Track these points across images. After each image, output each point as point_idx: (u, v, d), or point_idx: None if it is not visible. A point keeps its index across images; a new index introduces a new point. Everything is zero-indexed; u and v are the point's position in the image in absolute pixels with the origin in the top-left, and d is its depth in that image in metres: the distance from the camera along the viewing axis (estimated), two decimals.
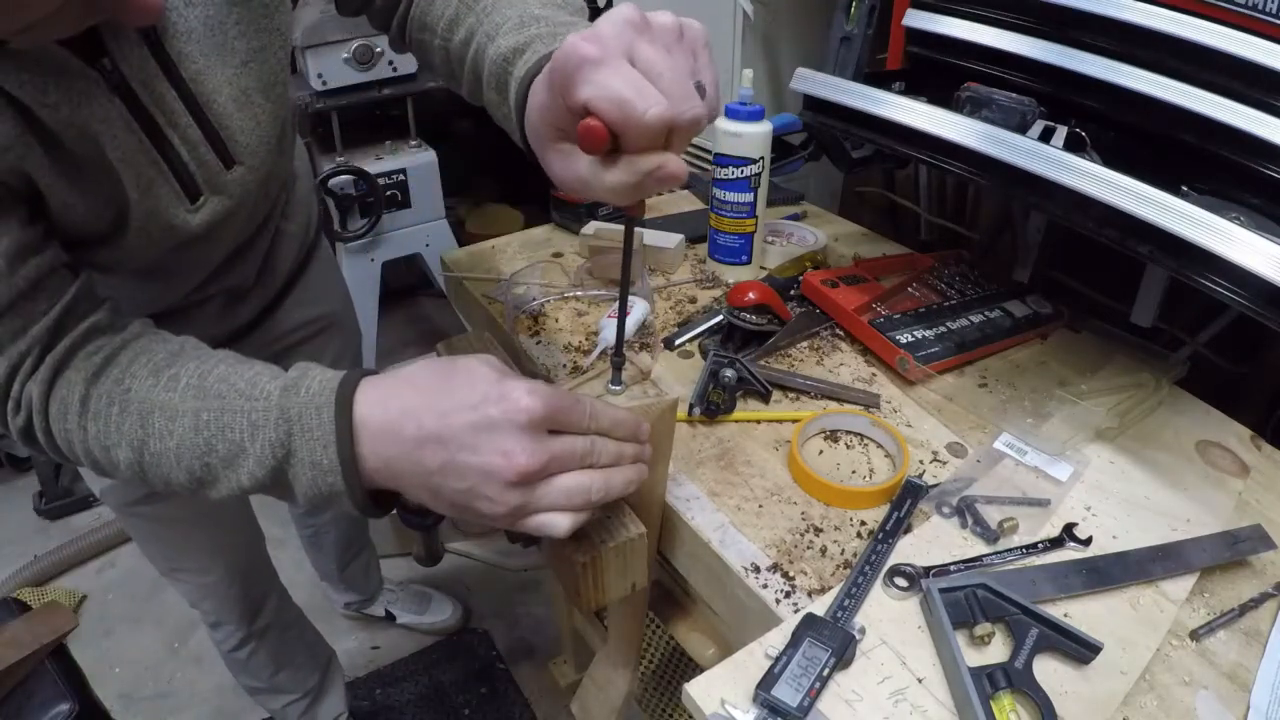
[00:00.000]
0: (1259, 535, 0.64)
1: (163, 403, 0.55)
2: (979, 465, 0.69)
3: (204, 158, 0.68)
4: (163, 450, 0.55)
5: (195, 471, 0.54)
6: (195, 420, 0.54)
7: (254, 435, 0.53)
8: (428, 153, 2.19)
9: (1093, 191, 0.63)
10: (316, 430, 0.52)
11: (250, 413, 0.53)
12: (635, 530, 0.60)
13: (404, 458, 0.51)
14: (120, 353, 0.58)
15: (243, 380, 0.55)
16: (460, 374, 0.52)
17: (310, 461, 0.52)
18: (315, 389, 0.53)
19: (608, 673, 0.88)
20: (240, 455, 0.53)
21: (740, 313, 0.84)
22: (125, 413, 0.55)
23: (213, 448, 0.53)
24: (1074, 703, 0.51)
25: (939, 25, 0.88)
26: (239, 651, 1.22)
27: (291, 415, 0.52)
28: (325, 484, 0.52)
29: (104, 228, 0.65)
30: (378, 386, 0.53)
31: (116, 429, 0.55)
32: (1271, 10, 0.65)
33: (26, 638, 0.97)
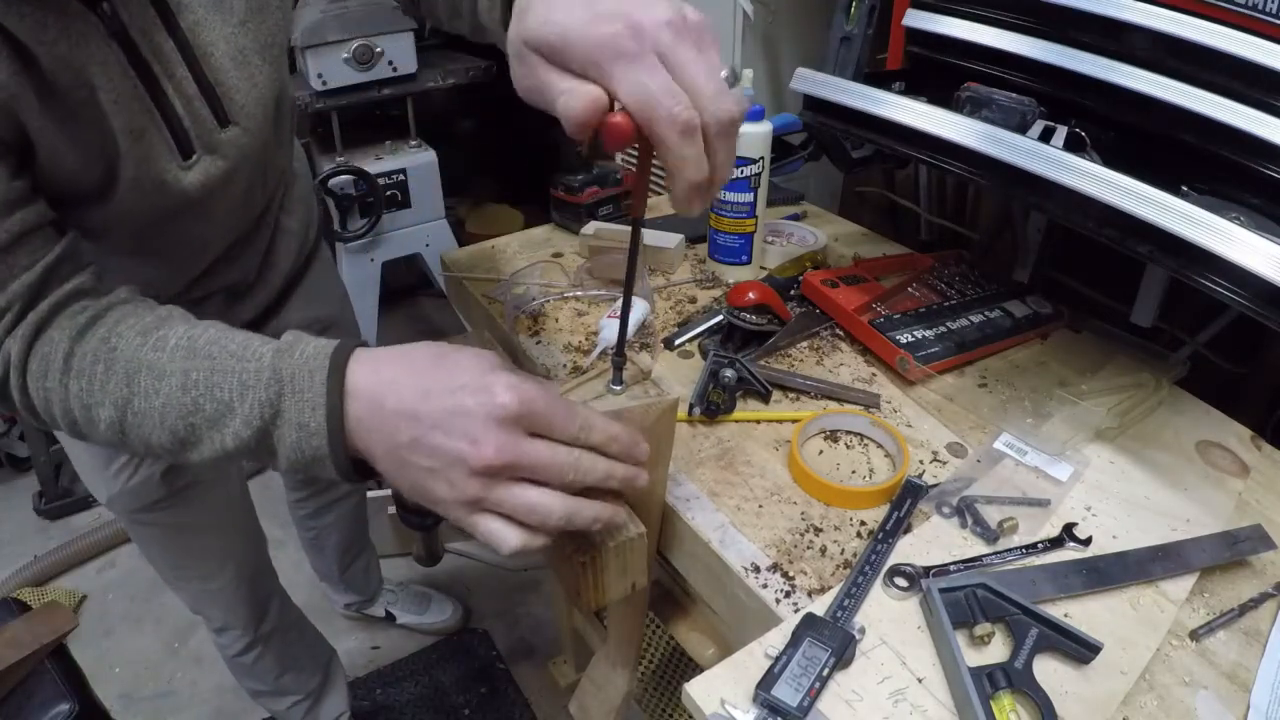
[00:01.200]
0: (1259, 535, 0.64)
1: (150, 362, 0.54)
2: (979, 465, 0.69)
3: (198, 112, 0.68)
4: (147, 409, 0.54)
5: (179, 432, 0.53)
6: (184, 379, 0.53)
7: (243, 395, 0.52)
8: (428, 153, 2.19)
9: (1093, 191, 0.63)
10: (307, 392, 0.51)
11: (241, 373, 0.52)
12: (635, 530, 0.60)
13: (378, 427, 0.51)
14: (106, 313, 0.57)
15: (234, 343, 0.54)
16: (452, 359, 0.52)
17: (297, 423, 0.52)
18: (310, 353, 0.53)
19: (606, 672, 0.88)
20: (227, 415, 0.52)
21: (740, 313, 0.84)
22: (111, 371, 0.54)
23: (199, 407, 0.53)
24: (1074, 703, 0.51)
25: (939, 25, 0.88)
26: (245, 656, 1.22)
27: (284, 376, 0.52)
28: (310, 447, 0.52)
29: (94, 181, 0.64)
30: (373, 357, 0.53)
31: (101, 387, 0.54)
32: (1271, 10, 0.65)
33: (26, 638, 0.97)
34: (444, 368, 0.51)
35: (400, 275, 2.58)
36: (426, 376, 0.51)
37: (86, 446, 0.93)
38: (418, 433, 0.49)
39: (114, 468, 0.92)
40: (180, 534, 1.04)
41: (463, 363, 0.51)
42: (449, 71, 2.16)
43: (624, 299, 0.59)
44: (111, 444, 0.57)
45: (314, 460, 0.52)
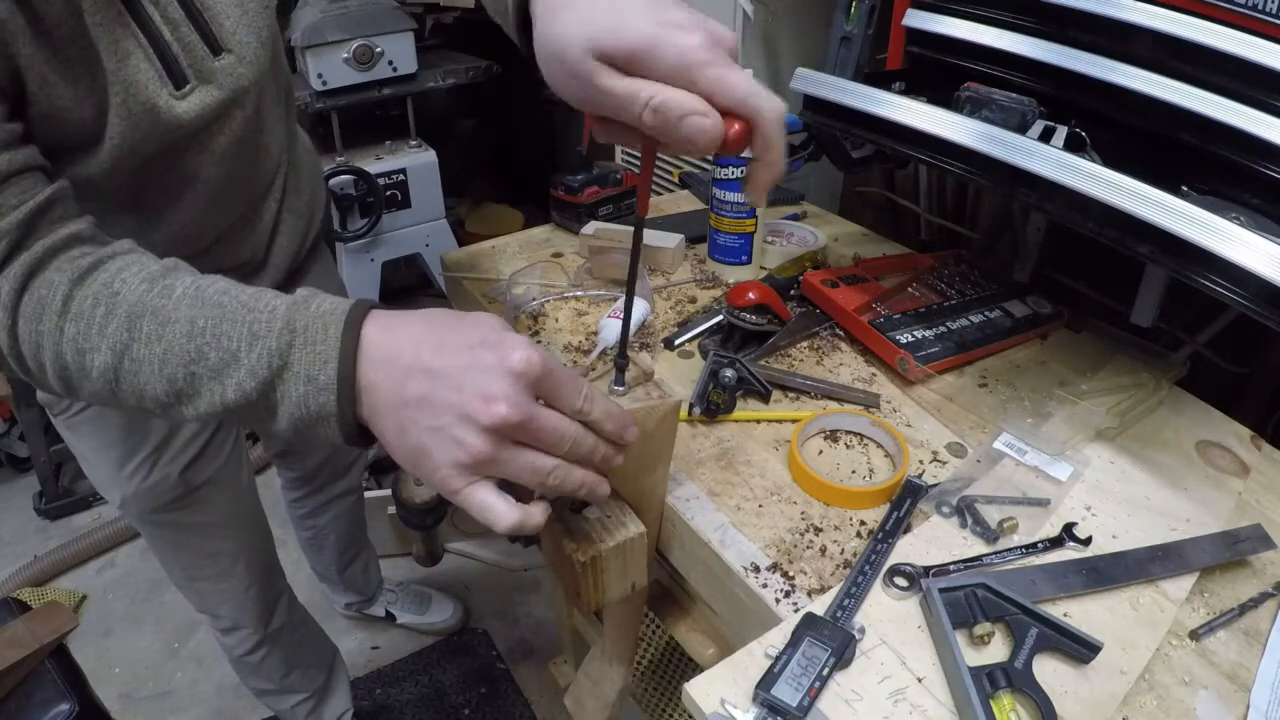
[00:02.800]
0: (1259, 535, 0.64)
1: (155, 308, 0.52)
2: (979, 465, 0.69)
3: (186, 38, 0.67)
4: (147, 356, 0.51)
5: (177, 381, 0.51)
6: (190, 326, 0.51)
7: (252, 344, 0.50)
8: (428, 153, 2.19)
9: (1093, 191, 0.63)
10: (320, 345, 0.50)
11: (252, 323, 0.51)
12: (635, 530, 0.60)
13: (388, 383, 0.49)
14: (109, 260, 0.55)
15: (245, 294, 0.53)
16: (469, 319, 0.51)
17: (306, 376, 0.50)
18: (326, 308, 0.51)
19: (602, 667, 0.88)
20: (232, 365, 0.50)
21: (740, 313, 0.84)
22: (111, 315, 0.52)
23: (203, 355, 0.50)
24: (1074, 702, 0.51)
25: (939, 25, 0.88)
26: (253, 655, 1.22)
27: (297, 327, 0.50)
28: (316, 404, 0.50)
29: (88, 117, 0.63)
30: (388, 316, 0.52)
31: (99, 331, 0.52)
32: (1271, 10, 0.64)
33: (26, 638, 0.97)
34: (459, 324, 0.50)
35: (400, 275, 2.58)
36: (442, 331, 0.50)
37: (99, 448, 0.92)
38: (427, 389, 0.48)
39: (129, 468, 0.92)
40: (194, 533, 1.04)
41: (481, 321, 0.51)
42: (449, 71, 2.16)
43: (626, 300, 0.59)
44: (99, 395, 0.54)
45: (317, 418, 0.51)
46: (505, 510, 0.49)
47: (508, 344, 0.48)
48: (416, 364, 0.48)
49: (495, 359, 0.48)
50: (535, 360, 0.48)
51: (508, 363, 0.47)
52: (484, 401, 0.47)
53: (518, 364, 0.47)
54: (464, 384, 0.47)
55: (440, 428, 0.48)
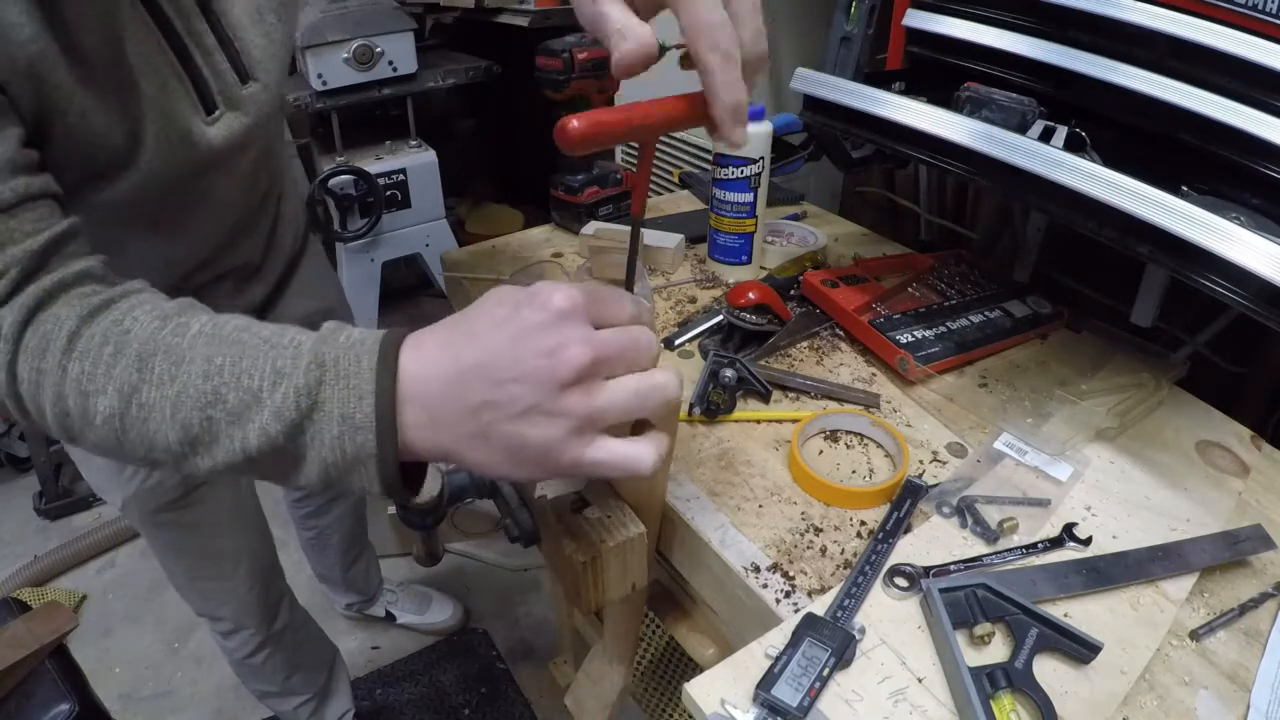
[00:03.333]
0: (1259, 535, 0.64)
1: (169, 346, 0.47)
2: (979, 465, 0.69)
3: (219, 67, 0.69)
4: (158, 400, 0.46)
5: (191, 428, 0.46)
6: (206, 366, 0.46)
7: (276, 383, 0.45)
8: (428, 153, 2.19)
9: (1093, 191, 0.63)
10: (354, 379, 0.45)
11: (276, 359, 0.46)
12: (635, 530, 0.60)
13: (446, 398, 0.44)
14: (121, 299, 0.51)
15: (267, 330, 0.48)
16: (485, 300, 0.47)
17: (340, 415, 0.44)
18: (356, 337, 0.47)
19: (602, 667, 0.88)
20: (253, 407, 0.45)
21: (740, 313, 0.84)
22: (120, 354, 0.47)
23: (221, 397, 0.45)
24: (1074, 703, 0.51)
25: (939, 25, 0.88)
26: (255, 657, 1.21)
27: (326, 361, 0.45)
28: (353, 445, 0.45)
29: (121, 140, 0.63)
30: (418, 335, 0.47)
31: (105, 371, 0.47)
32: (1271, 10, 0.64)
33: (26, 638, 0.97)
34: (483, 307, 0.46)
35: (400, 275, 2.58)
36: (470, 322, 0.46)
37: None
38: (489, 383, 0.43)
39: (129, 469, 0.92)
40: (196, 533, 1.04)
41: (498, 294, 0.47)
42: (449, 71, 2.16)
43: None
44: (103, 445, 0.49)
45: (354, 462, 0.46)
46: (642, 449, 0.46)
47: (540, 294, 0.44)
48: (462, 365, 0.44)
49: (537, 313, 0.44)
50: (575, 292, 0.44)
51: (551, 308, 0.44)
52: (550, 358, 0.43)
53: (562, 303, 0.44)
54: (521, 354, 0.43)
55: (524, 411, 0.43)
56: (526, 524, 0.63)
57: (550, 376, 0.43)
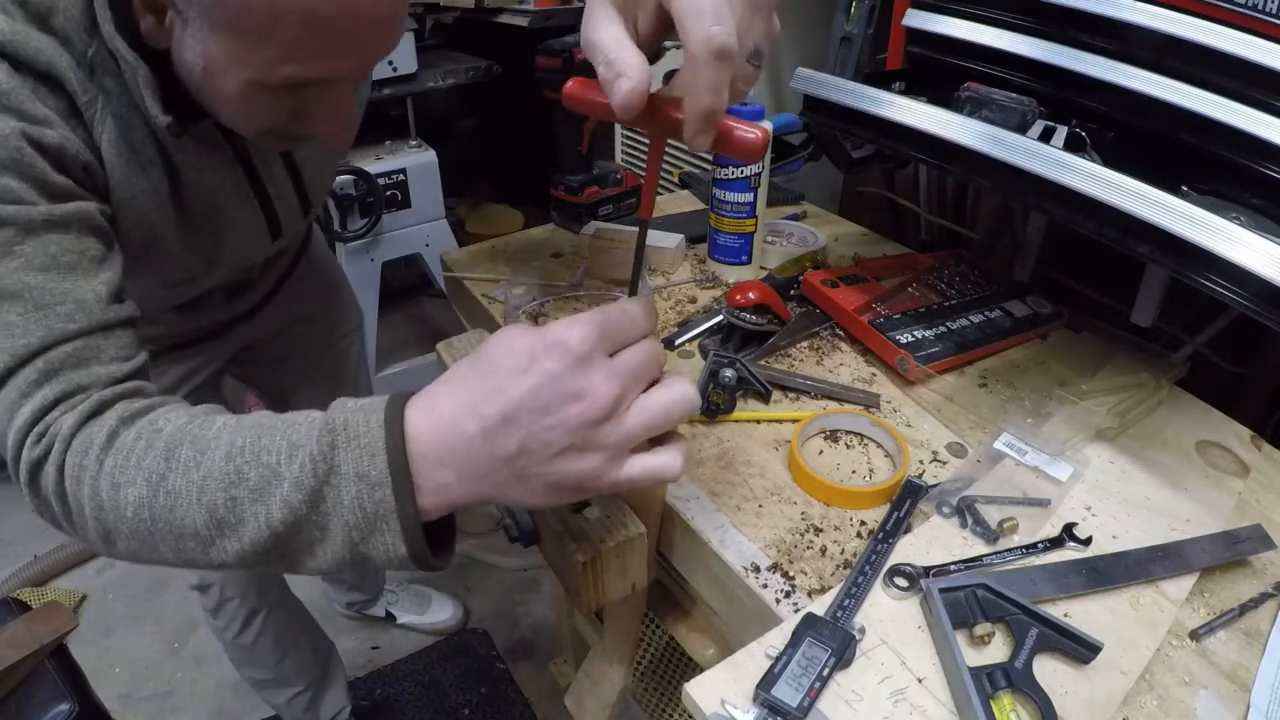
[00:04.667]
0: (1259, 535, 0.64)
1: (194, 437, 0.50)
2: (979, 465, 0.69)
3: (290, 205, 0.84)
4: (184, 486, 0.48)
5: (217, 509, 0.47)
6: (229, 449, 0.48)
7: (292, 455, 0.47)
8: (428, 153, 2.19)
9: (1093, 191, 0.62)
10: (364, 438, 0.46)
11: (291, 433, 0.48)
12: (635, 530, 0.60)
13: (476, 455, 0.45)
14: (160, 405, 0.55)
15: (287, 414, 0.50)
16: (495, 348, 0.47)
17: (356, 474, 0.46)
18: (364, 402, 0.48)
19: (603, 668, 0.88)
20: (274, 481, 0.46)
21: (740, 313, 0.84)
22: (151, 447, 0.50)
23: (243, 476, 0.47)
24: (1074, 703, 0.51)
25: (939, 25, 0.88)
26: (245, 633, 1.22)
27: (336, 425, 0.47)
28: (371, 502, 0.46)
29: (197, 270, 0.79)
30: (423, 395, 0.48)
31: (137, 463, 0.49)
32: (1271, 10, 0.64)
33: (26, 638, 0.97)
34: (494, 361, 0.46)
35: (400, 275, 2.58)
36: (485, 379, 0.46)
37: None
38: (520, 434, 0.44)
39: None
40: None
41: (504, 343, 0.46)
42: (449, 71, 2.16)
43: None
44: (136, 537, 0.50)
45: (375, 521, 0.46)
46: (670, 457, 0.47)
47: (553, 336, 0.45)
48: (488, 422, 0.45)
49: (556, 359, 0.44)
50: (589, 330, 0.45)
51: (570, 351, 0.44)
52: (578, 402, 0.44)
53: (579, 344, 0.44)
54: (549, 403, 0.44)
55: (560, 454, 0.45)
56: (526, 524, 0.63)
57: (582, 420, 0.44)
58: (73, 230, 0.57)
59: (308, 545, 0.48)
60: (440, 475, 0.46)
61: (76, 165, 0.59)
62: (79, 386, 0.53)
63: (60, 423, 0.52)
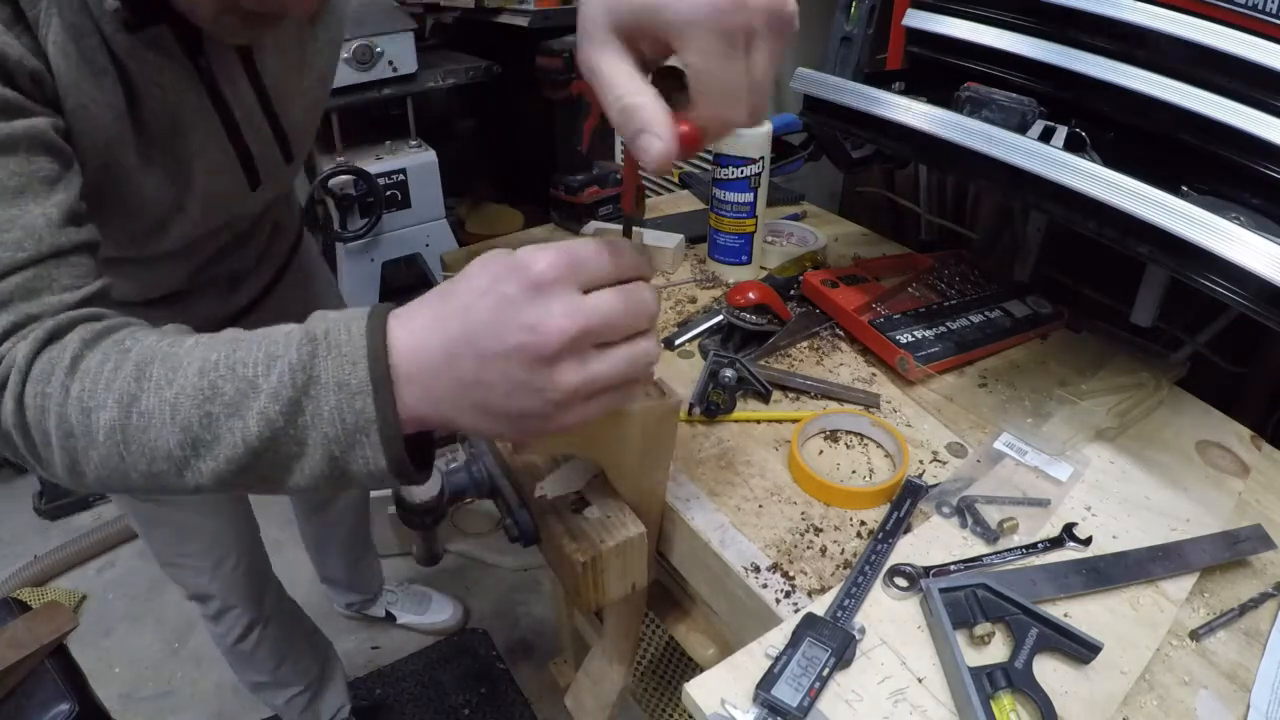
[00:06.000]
0: (1259, 535, 0.64)
1: (166, 354, 0.47)
2: (979, 465, 0.69)
3: (269, 153, 0.77)
4: (156, 406, 0.45)
5: (191, 428, 0.45)
6: (201, 364, 0.45)
7: (270, 366, 0.44)
8: (428, 153, 2.19)
9: (1093, 191, 0.62)
10: (345, 346, 0.44)
11: (268, 346, 0.45)
12: (635, 530, 0.60)
13: (439, 372, 0.44)
14: (123, 326, 0.52)
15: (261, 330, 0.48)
16: (474, 266, 0.45)
17: (336, 383, 0.43)
18: (346, 313, 0.46)
19: (603, 667, 0.88)
20: (250, 394, 0.44)
21: (740, 313, 0.84)
22: (120, 368, 0.47)
23: (218, 390, 0.44)
24: (1074, 703, 0.51)
25: (939, 25, 0.88)
26: (244, 641, 1.22)
27: (317, 335, 0.45)
28: (352, 412, 0.44)
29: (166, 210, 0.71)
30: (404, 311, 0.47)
31: (106, 385, 0.46)
32: (1271, 10, 0.64)
33: (26, 638, 0.97)
34: (467, 278, 0.45)
35: (400, 275, 2.58)
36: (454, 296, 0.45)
37: None
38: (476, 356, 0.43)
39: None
40: (181, 507, 1.05)
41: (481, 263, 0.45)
42: (449, 71, 2.16)
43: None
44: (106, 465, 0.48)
45: (355, 432, 0.44)
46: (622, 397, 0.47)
47: (519, 262, 0.43)
48: (449, 338, 0.43)
49: (516, 284, 0.42)
50: (557, 259, 0.42)
51: (530, 278, 0.42)
52: (533, 333, 0.41)
53: (543, 273, 0.42)
54: (504, 329, 0.42)
55: (516, 387, 0.43)
56: (526, 524, 0.63)
57: (535, 353, 0.42)
58: (20, 150, 0.52)
59: (285, 462, 0.46)
60: (411, 389, 0.44)
61: (22, 73, 0.53)
62: (29, 316, 0.50)
63: (14, 353, 0.48)
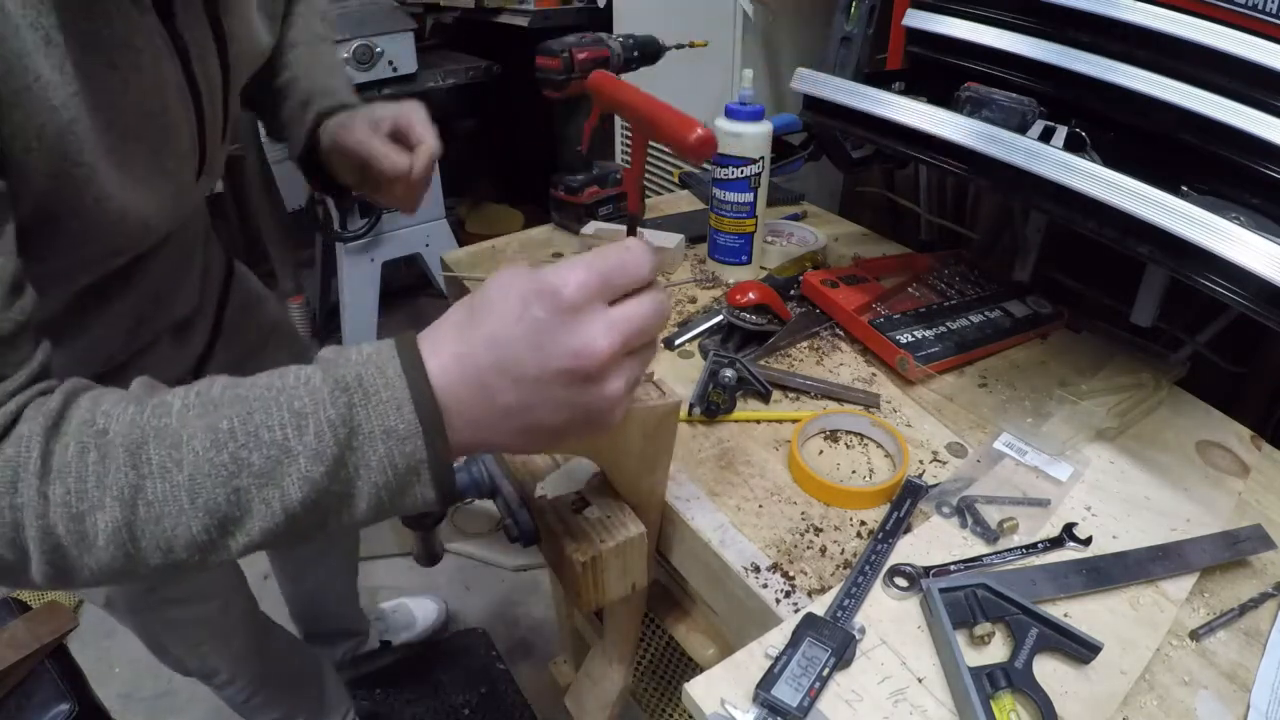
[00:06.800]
0: (1259, 535, 0.64)
1: (158, 430, 0.41)
2: (979, 465, 0.69)
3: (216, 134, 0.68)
4: (168, 493, 0.40)
5: (218, 508, 0.40)
6: (212, 436, 0.40)
7: (302, 426, 0.40)
8: None
9: (1093, 191, 0.62)
10: (384, 391, 0.41)
11: (290, 401, 0.41)
12: (635, 530, 0.60)
13: (481, 403, 0.42)
14: (78, 397, 0.44)
15: (260, 379, 0.43)
16: (496, 290, 0.43)
17: (383, 431, 0.41)
18: (369, 352, 0.43)
19: (602, 667, 0.88)
20: (286, 460, 0.40)
21: (740, 313, 0.84)
22: (107, 458, 0.40)
23: (244, 463, 0.40)
24: (1074, 703, 0.51)
25: (939, 25, 0.88)
26: (253, 700, 1.20)
27: (349, 383, 0.41)
28: (403, 456, 0.41)
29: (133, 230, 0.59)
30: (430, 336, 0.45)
31: (96, 482, 0.40)
32: (1271, 10, 0.64)
33: (26, 638, 0.97)
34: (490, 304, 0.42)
35: (400, 275, 2.58)
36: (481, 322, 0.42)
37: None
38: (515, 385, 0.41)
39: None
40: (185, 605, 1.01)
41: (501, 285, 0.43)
42: (449, 71, 2.16)
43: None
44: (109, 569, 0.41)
45: (406, 476, 0.42)
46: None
47: (549, 285, 0.41)
48: (483, 370, 0.42)
49: (549, 310, 0.41)
50: (587, 280, 0.41)
51: (564, 304, 0.41)
52: (578, 358, 0.41)
53: (574, 296, 0.41)
54: (546, 357, 0.41)
55: (562, 405, 0.42)
56: (526, 524, 0.63)
57: (583, 374, 0.42)
58: None
59: (327, 516, 0.43)
60: (458, 423, 0.43)
61: None
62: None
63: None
